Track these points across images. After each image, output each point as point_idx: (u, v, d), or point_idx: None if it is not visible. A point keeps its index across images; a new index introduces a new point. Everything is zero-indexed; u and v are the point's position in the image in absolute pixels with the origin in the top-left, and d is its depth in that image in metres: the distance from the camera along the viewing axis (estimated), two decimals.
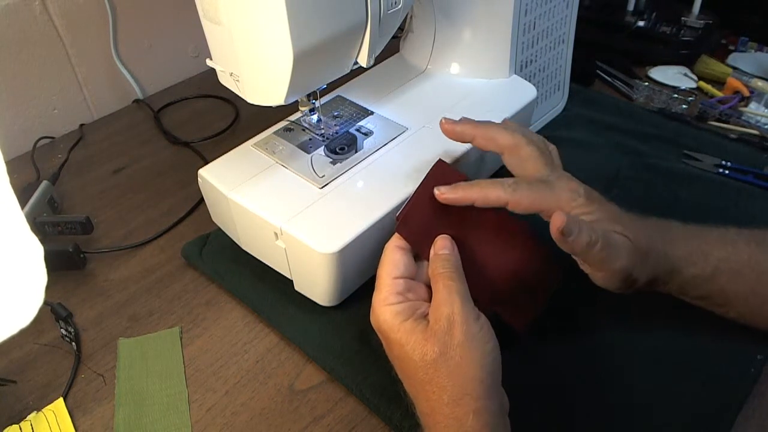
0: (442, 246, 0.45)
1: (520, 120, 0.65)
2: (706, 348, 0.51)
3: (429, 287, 0.45)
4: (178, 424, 0.48)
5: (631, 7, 0.91)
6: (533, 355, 0.51)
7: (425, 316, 0.43)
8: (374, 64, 0.57)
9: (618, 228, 0.46)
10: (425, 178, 0.48)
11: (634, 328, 0.53)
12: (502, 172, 0.68)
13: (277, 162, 0.57)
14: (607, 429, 0.46)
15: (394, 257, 0.45)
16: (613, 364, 0.50)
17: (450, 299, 0.41)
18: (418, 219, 0.47)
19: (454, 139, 0.53)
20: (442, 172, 0.49)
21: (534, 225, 0.50)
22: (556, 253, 0.50)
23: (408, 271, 0.45)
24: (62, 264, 0.61)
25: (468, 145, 0.58)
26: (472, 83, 0.67)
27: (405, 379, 0.43)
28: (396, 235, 0.46)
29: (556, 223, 0.42)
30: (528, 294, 0.50)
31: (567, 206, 0.46)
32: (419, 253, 0.47)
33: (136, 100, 0.90)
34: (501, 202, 0.47)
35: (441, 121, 0.52)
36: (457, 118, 0.52)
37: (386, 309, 0.43)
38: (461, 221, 0.48)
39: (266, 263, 0.58)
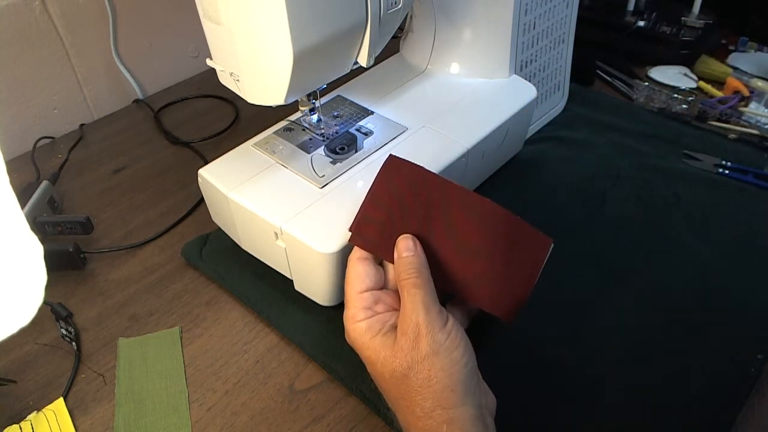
0: (405, 247, 0.44)
1: (520, 120, 0.65)
2: (706, 348, 0.51)
3: (398, 293, 0.43)
4: (178, 424, 0.48)
5: (631, 7, 0.91)
6: (531, 355, 0.51)
7: (396, 328, 0.41)
8: (374, 64, 0.57)
9: None
10: (376, 178, 0.46)
11: (634, 328, 0.53)
12: (503, 172, 0.69)
13: (277, 162, 0.57)
14: (606, 429, 0.46)
15: (357, 270, 0.44)
16: (612, 364, 0.50)
17: (414, 309, 0.40)
18: (373, 225, 0.45)
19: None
20: (394, 168, 0.46)
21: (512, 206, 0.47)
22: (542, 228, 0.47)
23: (374, 282, 0.44)
24: (62, 264, 0.61)
25: (466, 147, 0.58)
26: (472, 83, 0.67)
27: (383, 394, 0.43)
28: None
29: None
30: (506, 277, 0.46)
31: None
32: (383, 258, 0.45)
33: (136, 100, 0.90)
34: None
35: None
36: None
37: (355, 327, 0.42)
38: (425, 214, 0.45)
39: (266, 263, 0.58)
